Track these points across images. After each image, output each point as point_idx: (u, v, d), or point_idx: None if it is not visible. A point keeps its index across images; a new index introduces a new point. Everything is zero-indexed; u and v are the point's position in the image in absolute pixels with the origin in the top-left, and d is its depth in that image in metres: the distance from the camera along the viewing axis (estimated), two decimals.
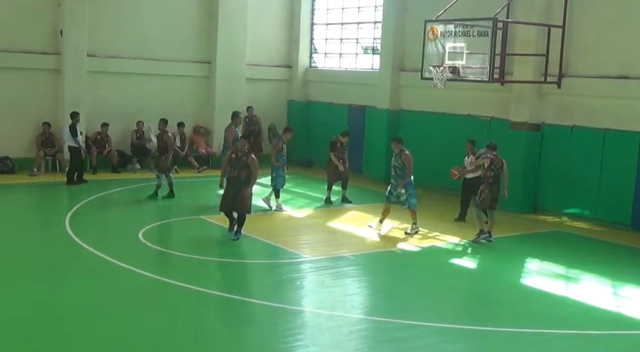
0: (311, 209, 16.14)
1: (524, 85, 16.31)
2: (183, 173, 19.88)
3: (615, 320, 9.77)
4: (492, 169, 13.32)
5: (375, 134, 20.15)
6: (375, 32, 21.15)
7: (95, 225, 14.13)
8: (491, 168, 13.32)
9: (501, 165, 13.41)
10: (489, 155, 13.43)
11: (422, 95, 18.89)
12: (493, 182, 13.34)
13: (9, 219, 14.21)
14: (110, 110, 19.57)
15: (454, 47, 15.20)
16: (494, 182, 13.35)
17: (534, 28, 15.86)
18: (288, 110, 23.30)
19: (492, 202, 13.41)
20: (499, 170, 13.39)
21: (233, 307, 9.72)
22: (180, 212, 15.51)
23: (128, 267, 10.87)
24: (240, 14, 21.55)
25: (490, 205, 13.47)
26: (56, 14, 19.18)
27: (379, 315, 9.49)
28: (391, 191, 13.81)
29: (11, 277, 10.40)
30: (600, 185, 15.37)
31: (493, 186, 13.35)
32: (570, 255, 13.01)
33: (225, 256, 12.37)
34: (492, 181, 13.34)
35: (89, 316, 8.99)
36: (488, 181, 13.35)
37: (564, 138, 15.99)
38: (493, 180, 13.34)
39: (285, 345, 8.29)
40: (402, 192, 13.66)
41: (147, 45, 20.50)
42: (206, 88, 21.68)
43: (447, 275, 11.74)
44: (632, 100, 14.85)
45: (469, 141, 15.03)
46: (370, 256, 12.21)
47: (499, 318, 9.61)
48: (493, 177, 13.34)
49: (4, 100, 18.71)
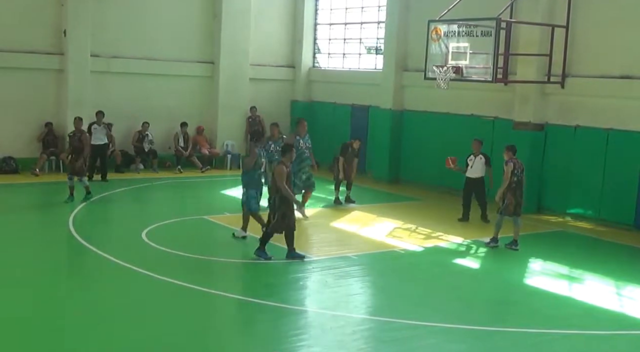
0: (314, 209, 16.12)
1: (528, 86, 16.29)
2: (186, 173, 19.92)
3: (619, 320, 9.75)
4: (514, 174, 12.76)
5: (379, 134, 20.13)
6: (379, 32, 21.14)
7: (98, 225, 14.15)
8: (514, 173, 12.76)
9: (522, 169, 12.90)
10: (512, 160, 12.81)
11: (426, 95, 18.88)
12: (516, 187, 12.81)
13: (12, 218, 14.23)
14: (114, 110, 19.57)
15: (457, 47, 15.18)
16: (517, 187, 12.82)
17: (537, 28, 15.85)
18: (291, 110, 23.30)
19: (515, 207, 12.88)
20: (521, 174, 12.87)
21: (236, 307, 9.73)
22: (184, 212, 15.54)
23: (131, 267, 10.88)
24: (243, 14, 21.57)
25: (515, 211, 12.91)
26: (59, 14, 19.22)
27: (382, 315, 9.48)
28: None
29: (14, 276, 10.41)
30: (603, 185, 15.34)
31: (517, 191, 12.82)
32: (573, 255, 13.00)
33: (228, 256, 12.38)
34: (516, 186, 12.79)
35: (91, 315, 9.00)
36: (511, 186, 12.75)
37: (567, 138, 15.97)
38: (516, 185, 12.80)
39: (288, 345, 8.29)
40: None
41: (150, 46, 20.53)
42: (209, 88, 21.69)
43: (450, 275, 11.73)
44: (635, 100, 14.82)
45: (477, 140, 14.92)
46: (373, 256, 12.20)
47: (502, 318, 9.60)
48: (516, 182, 12.79)
49: (7, 101, 18.74)
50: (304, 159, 14.65)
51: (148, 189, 17.92)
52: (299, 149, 14.26)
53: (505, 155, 13.04)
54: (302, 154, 14.49)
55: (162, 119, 20.76)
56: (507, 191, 12.78)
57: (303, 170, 14.62)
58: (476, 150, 14.89)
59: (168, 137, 20.84)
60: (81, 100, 18.99)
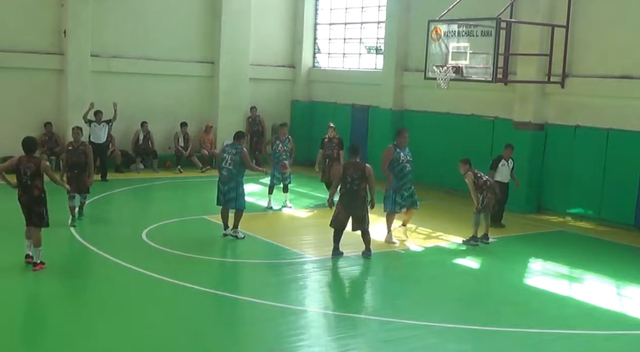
0: (314, 209, 16.12)
1: (528, 85, 16.29)
2: (186, 173, 19.95)
3: (619, 320, 9.75)
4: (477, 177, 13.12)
5: (379, 134, 20.12)
6: (379, 32, 21.15)
7: (98, 225, 14.14)
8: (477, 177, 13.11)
9: (481, 174, 13.23)
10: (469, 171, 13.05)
11: (426, 95, 18.88)
12: (491, 186, 13.24)
13: (12, 218, 14.21)
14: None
15: (457, 47, 15.17)
16: (491, 186, 13.25)
17: (537, 28, 15.85)
18: (291, 110, 23.31)
19: (494, 205, 13.38)
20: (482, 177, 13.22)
21: (236, 307, 9.72)
22: (184, 212, 15.54)
23: (131, 266, 10.88)
24: (243, 14, 21.58)
25: (492, 208, 13.41)
26: (59, 14, 19.22)
27: (382, 315, 9.47)
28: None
29: (13, 276, 10.41)
30: (603, 185, 15.34)
31: (495, 189, 13.30)
32: (573, 255, 13.00)
33: (228, 255, 12.39)
34: (490, 185, 13.24)
35: (91, 315, 9.01)
36: (484, 188, 13.11)
37: (567, 138, 15.97)
38: (489, 184, 13.23)
39: (288, 345, 8.28)
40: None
41: (150, 46, 20.54)
42: (210, 88, 21.69)
43: (450, 275, 11.73)
44: (635, 100, 14.83)
45: (510, 145, 14.64)
46: (373, 256, 12.19)
47: (502, 318, 9.59)
48: (485, 183, 13.19)
49: (7, 101, 18.75)
50: (406, 174, 12.99)
51: (148, 189, 17.92)
52: (400, 162, 12.93)
53: (461, 169, 13.17)
54: (403, 168, 12.95)
55: (162, 119, 20.77)
56: (486, 191, 13.08)
57: (405, 186, 13.03)
58: (508, 155, 14.58)
59: (168, 137, 20.86)
60: (81, 100, 18.96)
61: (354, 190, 11.77)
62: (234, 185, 12.70)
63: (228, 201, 12.76)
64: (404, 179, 13.02)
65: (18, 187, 10.73)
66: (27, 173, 10.58)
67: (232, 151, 12.77)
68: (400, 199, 13.05)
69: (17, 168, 10.63)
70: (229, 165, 12.69)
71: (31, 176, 10.58)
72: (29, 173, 10.58)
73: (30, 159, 10.70)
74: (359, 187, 11.78)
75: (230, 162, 12.66)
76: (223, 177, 12.78)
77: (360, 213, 11.88)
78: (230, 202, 12.75)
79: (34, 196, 10.65)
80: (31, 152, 10.84)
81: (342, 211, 11.88)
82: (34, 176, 10.58)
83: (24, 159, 10.69)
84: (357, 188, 11.76)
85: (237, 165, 12.68)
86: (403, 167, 12.96)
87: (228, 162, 12.68)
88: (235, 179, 12.72)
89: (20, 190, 10.70)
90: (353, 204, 11.80)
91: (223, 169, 12.78)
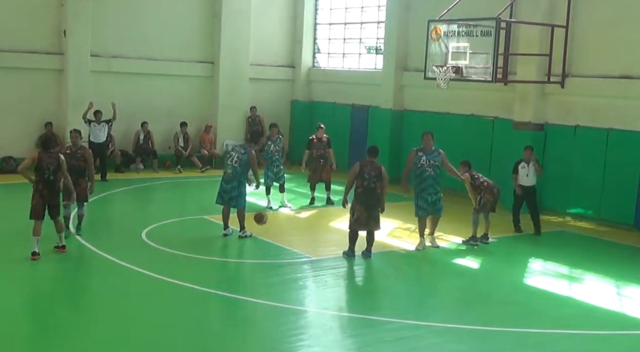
0: (314, 209, 16.12)
1: (528, 85, 16.29)
2: (186, 173, 19.95)
3: (619, 320, 9.75)
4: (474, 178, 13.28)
5: (379, 134, 20.12)
6: (379, 32, 21.15)
7: (98, 224, 14.12)
8: (474, 178, 13.27)
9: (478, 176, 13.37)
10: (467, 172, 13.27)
11: (426, 95, 18.88)
12: (489, 186, 13.27)
13: (12, 218, 14.22)
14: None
15: (457, 47, 15.18)
16: (489, 186, 13.28)
17: (537, 28, 15.85)
18: (291, 110, 23.32)
19: (492, 205, 13.35)
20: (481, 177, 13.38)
21: (236, 307, 9.72)
22: (184, 212, 15.54)
23: (131, 266, 10.88)
24: (243, 14, 21.57)
25: (491, 208, 13.38)
26: (59, 14, 19.22)
27: (382, 315, 9.48)
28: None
29: (14, 276, 10.42)
30: (603, 185, 15.34)
31: (493, 189, 13.30)
32: (573, 255, 13.00)
33: (228, 255, 12.40)
34: (488, 186, 13.28)
35: (91, 315, 9.02)
36: (481, 188, 13.21)
37: (567, 138, 15.97)
38: (487, 185, 13.29)
39: (288, 345, 8.29)
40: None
41: (150, 46, 20.53)
42: (209, 88, 21.69)
43: (450, 275, 11.74)
44: (635, 100, 14.83)
45: (529, 147, 14.42)
46: (373, 256, 12.19)
47: (502, 318, 9.59)
48: (483, 184, 13.29)
49: (7, 101, 18.74)
50: (426, 178, 12.66)
51: (148, 189, 17.92)
52: (419, 166, 12.68)
53: (461, 170, 13.32)
54: (423, 172, 12.67)
55: (162, 119, 20.76)
56: (484, 192, 13.16)
57: (427, 190, 12.70)
58: (527, 158, 14.33)
59: (168, 137, 20.85)
60: (81, 100, 18.94)
61: (371, 188, 11.81)
62: (236, 184, 12.87)
63: (230, 200, 12.90)
64: (423, 184, 12.73)
65: (39, 183, 11.09)
66: (50, 168, 11.03)
67: (241, 151, 13.06)
68: (424, 204, 12.76)
69: (39, 165, 11.04)
70: (236, 163, 12.89)
71: (54, 171, 11.06)
72: (52, 168, 11.05)
73: (50, 155, 11.17)
74: (376, 185, 11.83)
75: (237, 160, 12.89)
76: (227, 175, 12.97)
77: (377, 213, 11.93)
78: (232, 200, 12.89)
79: (58, 190, 11.24)
80: (51, 148, 11.39)
81: (362, 213, 11.87)
82: (56, 171, 11.08)
83: (44, 155, 11.13)
84: (374, 186, 11.83)
85: (243, 164, 12.88)
86: (423, 171, 12.70)
87: (235, 160, 12.91)
88: (238, 178, 12.90)
89: (42, 185, 11.07)
90: (371, 203, 11.84)
91: (228, 167, 13.01)
